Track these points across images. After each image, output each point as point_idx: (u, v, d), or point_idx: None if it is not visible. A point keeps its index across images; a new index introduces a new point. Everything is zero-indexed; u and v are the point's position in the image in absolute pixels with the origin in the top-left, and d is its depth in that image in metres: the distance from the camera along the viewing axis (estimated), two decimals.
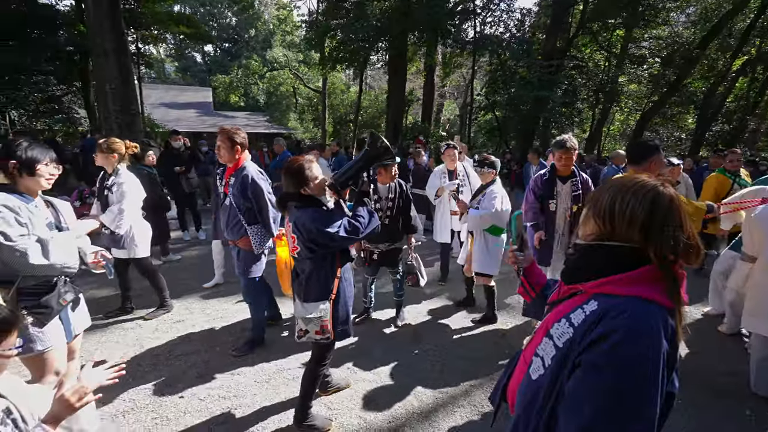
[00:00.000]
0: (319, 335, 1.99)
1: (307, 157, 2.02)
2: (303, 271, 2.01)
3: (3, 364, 1.03)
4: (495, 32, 13.82)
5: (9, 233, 1.64)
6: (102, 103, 11.08)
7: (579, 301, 0.92)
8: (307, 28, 14.92)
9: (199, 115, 23.60)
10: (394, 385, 2.58)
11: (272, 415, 2.26)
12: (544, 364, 0.93)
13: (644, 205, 0.85)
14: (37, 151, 1.78)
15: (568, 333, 0.88)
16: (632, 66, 14.58)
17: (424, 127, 15.14)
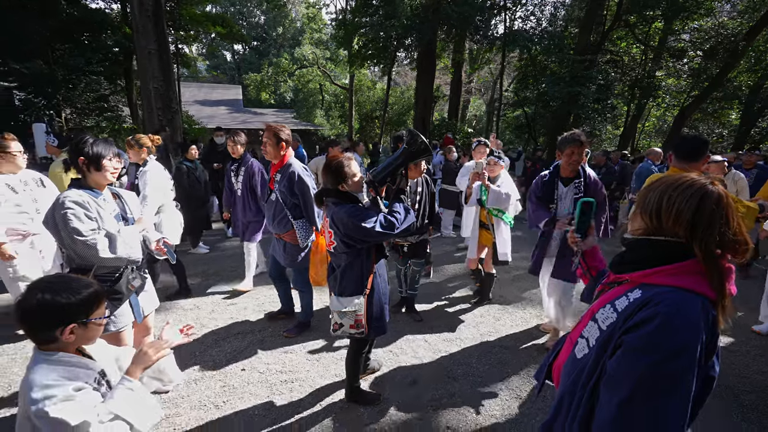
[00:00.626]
0: (354, 329, 2.04)
1: (346, 155, 2.06)
2: (339, 266, 2.06)
3: (96, 332, 1.18)
4: (526, 27, 13.57)
5: (81, 229, 1.77)
6: (146, 101, 11.71)
7: (624, 289, 1.00)
8: (337, 26, 15.15)
9: (230, 112, 24.41)
10: (433, 369, 2.75)
11: (325, 389, 2.48)
12: (588, 344, 1.02)
13: (691, 204, 0.90)
14: (102, 147, 1.89)
15: (612, 317, 0.96)
16: (671, 60, 13.96)
17: (451, 124, 15.11)
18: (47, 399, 1.01)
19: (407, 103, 21.97)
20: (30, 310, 1.05)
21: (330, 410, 2.30)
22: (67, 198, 1.80)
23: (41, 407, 1.00)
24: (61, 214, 1.76)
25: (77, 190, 1.86)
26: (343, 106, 23.54)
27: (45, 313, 1.06)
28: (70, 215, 1.76)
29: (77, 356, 1.15)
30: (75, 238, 1.76)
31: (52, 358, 1.09)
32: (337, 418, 2.24)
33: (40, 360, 1.09)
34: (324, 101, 26.03)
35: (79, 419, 1.01)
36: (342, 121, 23.52)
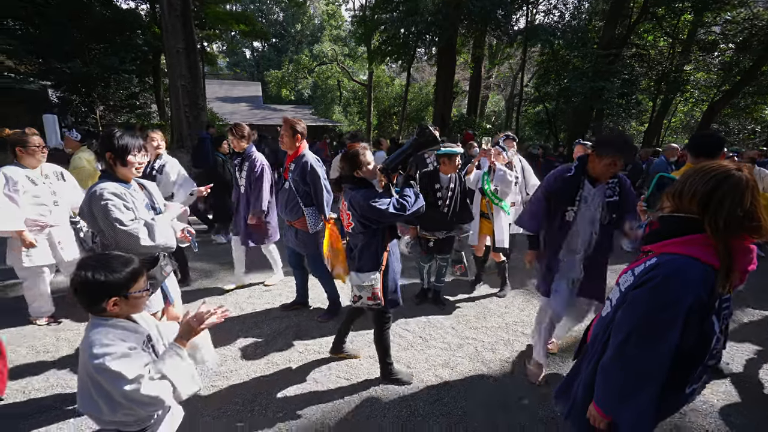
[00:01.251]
0: (371, 301, 2.24)
1: (362, 145, 2.27)
2: (356, 246, 2.27)
3: (138, 303, 1.28)
4: (548, 21, 13.37)
5: (123, 219, 1.84)
6: (174, 99, 12.10)
7: (646, 258, 1.18)
8: (357, 23, 15.27)
9: (251, 109, 24.91)
10: (463, 353, 2.87)
11: (360, 369, 2.63)
12: (611, 304, 1.26)
13: (707, 185, 1.05)
14: (127, 141, 1.92)
15: (630, 280, 1.18)
16: (701, 53, 13.51)
17: (470, 120, 15.07)
18: (107, 355, 1.14)
19: (425, 99, 21.98)
20: (79, 286, 1.20)
21: (367, 386, 2.45)
22: (105, 190, 1.86)
23: (102, 362, 1.13)
24: (102, 206, 1.83)
25: (111, 182, 1.93)
26: (362, 103, 23.72)
27: (90, 289, 1.19)
28: (110, 206, 1.83)
29: (128, 321, 1.29)
30: (117, 228, 1.83)
31: (108, 323, 1.23)
32: (375, 394, 2.39)
33: (97, 324, 1.22)
34: (342, 97, 26.26)
35: (135, 373, 1.14)
36: (360, 117, 23.70)
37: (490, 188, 3.52)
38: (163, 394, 1.18)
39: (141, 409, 1.20)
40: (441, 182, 3.25)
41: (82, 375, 1.21)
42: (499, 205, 3.52)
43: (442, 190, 3.23)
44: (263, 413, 2.21)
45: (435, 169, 3.30)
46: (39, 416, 2.14)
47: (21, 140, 2.77)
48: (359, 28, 14.28)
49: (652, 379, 1.10)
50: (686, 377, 1.16)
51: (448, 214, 3.24)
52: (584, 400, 1.29)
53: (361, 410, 2.26)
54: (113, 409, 1.17)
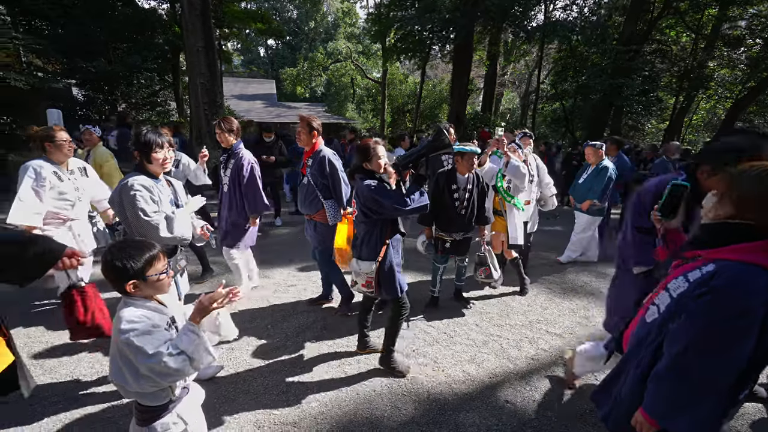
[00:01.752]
0: (365, 288, 2.38)
1: (375, 139, 2.35)
2: (359, 234, 2.41)
3: (158, 286, 1.37)
4: (567, 17, 13.15)
5: (147, 210, 1.99)
6: (193, 97, 12.33)
7: (698, 264, 1.15)
8: (372, 21, 15.27)
9: (266, 106, 25.16)
10: (489, 350, 2.90)
11: None
12: (659, 310, 1.22)
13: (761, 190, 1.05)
14: (149, 138, 2.05)
15: (683, 287, 1.14)
16: (726, 48, 13.12)
17: (485, 117, 14.96)
18: (132, 331, 1.26)
19: (439, 96, 21.85)
20: (105, 270, 1.33)
21: (396, 379, 2.51)
22: (136, 182, 2.03)
23: (128, 336, 1.25)
24: (131, 196, 1.99)
25: (141, 175, 2.09)
26: (375, 100, 23.72)
27: (112, 272, 1.32)
28: (138, 197, 1.99)
29: (154, 302, 1.40)
30: (141, 218, 1.99)
31: (136, 302, 1.35)
32: (404, 388, 2.45)
33: (127, 303, 1.34)
34: (355, 95, 26.31)
35: (155, 349, 1.25)
36: (374, 114, 23.72)
37: (503, 185, 3.55)
38: (181, 367, 1.28)
39: (162, 380, 1.30)
40: (458, 182, 3.20)
41: (113, 347, 1.33)
42: (512, 202, 3.54)
43: (459, 190, 3.19)
44: (296, 403, 2.29)
45: (452, 168, 3.27)
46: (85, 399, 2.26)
47: (49, 135, 2.86)
48: (374, 26, 14.28)
49: (714, 392, 1.07)
50: (745, 386, 1.14)
51: (465, 216, 3.21)
52: (628, 405, 1.27)
53: (391, 402, 2.32)
54: (137, 379, 1.28)
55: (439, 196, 3.19)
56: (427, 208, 2.29)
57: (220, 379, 2.48)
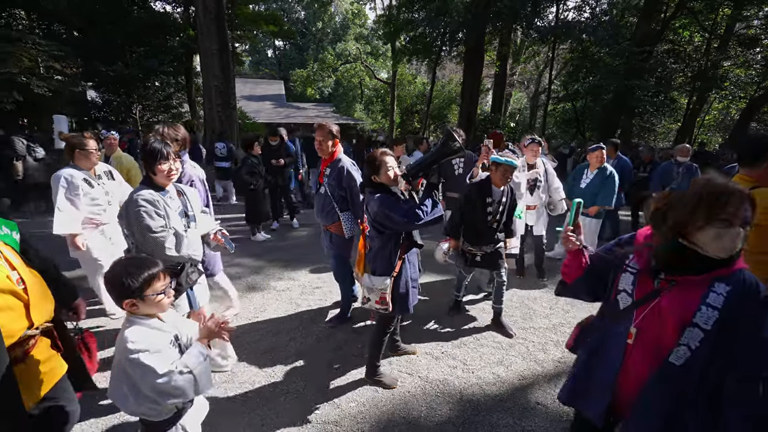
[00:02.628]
0: (379, 305, 2.24)
1: (383, 150, 2.26)
2: (372, 248, 2.30)
3: (156, 305, 1.34)
4: (579, 17, 13.12)
5: (152, 226, 1.90)
6: (207, 99, 12.52)
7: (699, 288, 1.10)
8: (384, 22, 15.35)
9: (275, 107, 25.36)
10: (516, 353, 2.97)
11: (419, 364, 2.77)
12: (690, 348, 1.09)
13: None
14: (153, 148, 1.96)
15: (714, 315, 1.06)
16: (740, 48, 12.98)
17: (495, 118, 14.98)
18: (140, 351, 1.24)
19: (448, 97, 21.88)
20: (105, 285, 1.34)
21: (428, 380, 2.59)
22: (140, 196, 1.94)
23: (136, 356, 1.23)
24: (135, 211, 1.92)
25: (148, 189, 1.99)
26: (383, 101, 23.81)
27: (112, 289, 1.31)
28: (142, 213, 1.91)
29: (157, 320, 1.37)
30: (146, 235, 1.90)
31: (141, 321, 1.33)
32: (437, 389, 2.53)
33: (132, 321, 1.33)
34: (363, 96, 26.42)
35: (165, 368, 1.25)
36: (383, 115, 23.81)
37: None
38: (187, 388, 1.28)
39: (166, 400, 1.28)
40: (493, 195, 3.00)
41: (115, 365, 1.33)
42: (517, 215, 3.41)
43: (494, 204, 3.00)
44: (336, 404, 2.37)
45: (486, 179, 3.06)
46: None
47: (80, 143, 2.92)
48: (385, 27, 14.35)
49: None
50: None
51: (496, 229, 3.06)
52: None
53: (426, 403, 2.40)
54: (138, 401, 1.28)
55: (471, 209, 3.04)
56: (442, 220, 2.18)
57: (259, 380, 2.58)
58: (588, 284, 1.40)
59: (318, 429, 2.18)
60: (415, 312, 2.71)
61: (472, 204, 3.01)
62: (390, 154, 2.26)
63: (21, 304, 1.30)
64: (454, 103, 20.98)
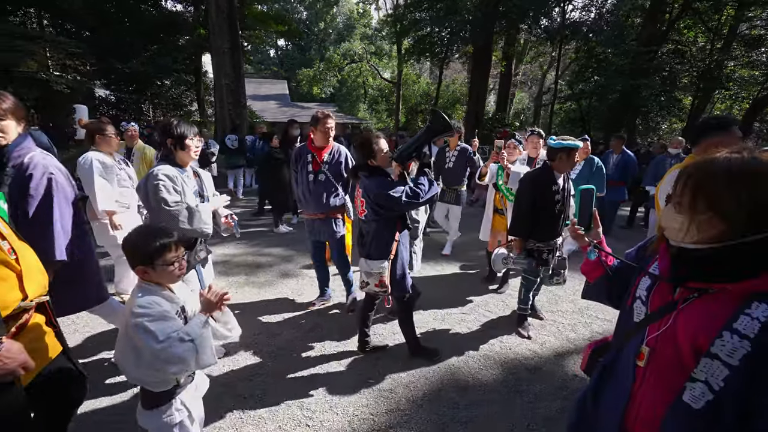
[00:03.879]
0: (378, 288, 2.31)
1: (375, 133, 2.31)
2: (368, 233, 2.33)
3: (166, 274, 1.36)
4: (586, 18, 13.31)
5: (168, 199, 2.00)
6: (218, 97, 12.67)
7: (727, 305, 0.78)
8: (392, 22, 15.52)
9: (279, 106, 25.47)
10: (548, 332, 3.13)
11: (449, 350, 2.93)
12: (711, 388, 0.77)
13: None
14: (185, 128, 2.11)
15: (744, 348, 0.74)
16: (745, 49, 13.17)
17: (502, 117, 15.16)
18: (145, 316, 1.26)
19: (452, 97, 22.10)
20: (123, 248, 1.38)
21: (477, 360, 2.75)
22: (161, 171, 2.06)
23: (141, 321, 1.25)
24: (153, 185, 2.02)
25: (166, 164, 2.10)
26: (388, 100, 24.02)
27: (127, 253, 1.36)
28: (161, 186, 2.01)
29: (167, 290, 1.40)
30: (162, 207, 2.00)
31: (150, 288, 1.36)
32: (479, 361, 2.68)
33: (142, 287, 1.36)
34: (367, 95, 26.62)
35: (165, 335, 1.26)
36: (388, 114, 24.00)
37: (503, 181, 3.45)
38: (188, 357, 1.28)
39: (167, 368, 1.29)
40: (558, 184, 2.72)
41: (122, 328, 1.36)
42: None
43: (559, 191, 2.73)
44: (388, 373, 2.52)
45: (546, 166, 2.74)
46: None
47: (99, 128, 3.03)
48: (392, 27, 14.53)
49: None
50: None
51: (561, 219, 2.79)
52: None
53: (471, 374, 2.55)
54: (139, 366, 1.30)
55: (539, 200, 2.71)
56: (438, 196, 2.25)
57: (314, 354, 2.73)
58: (609, 287, 1.16)
59: (375, 395, 2.32)
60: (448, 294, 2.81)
61: (540, 195, 2.71)
62: (382, 137, 2.32)
63: (14, 274, 1.25)
64: (458, 103, 21.20)
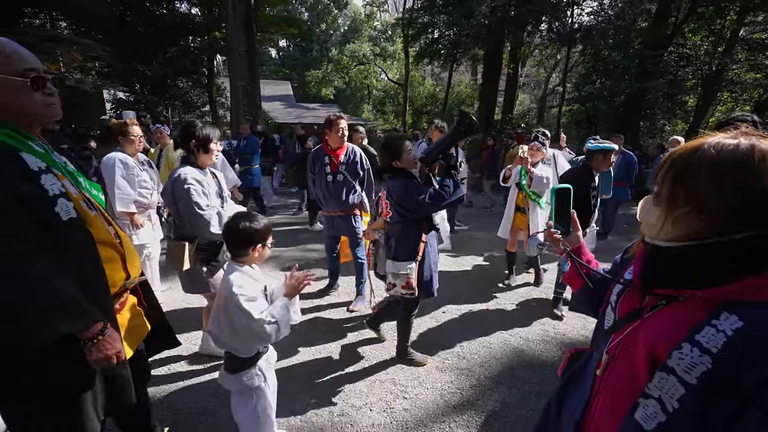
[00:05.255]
0: (405, 290, 2.28)
1: (399, 135, 2.43)
2: (394, 234, 2.30)
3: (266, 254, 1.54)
4: (596, 22, 13.57)
5: (201, 203, 2.01)
6: (234, 99, 12.84)
7: (694, 314, 0.67)
8: (404, 25, 15.72)
9: (285, 107, 25.57)
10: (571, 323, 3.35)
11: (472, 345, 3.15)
12: (664, 407, 0.67)
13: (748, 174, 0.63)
14: (209, 131, 2.13)
15: (704, 364, 0.63)
16: (748, 53, 13.49)
17: (511, 119, 15.41)
18: (242, 295, 1.41)
19: (457, 99, 22.34)
20: (232, 234, 1.49)
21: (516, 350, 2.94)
22: (188, 175, 2.05)
23: (238, 299, 1.40)
24: (185, 189, 2.01)
25: (192, 168, 2.10)
26: (393, 101, 24.24)
27: (246, 235, 1.47)
28: (192, 190, 2.02)
29: (254, 270, 1.56)
30: (195, 212, 2.01)
31: (242, 269, 1.50)
32: (515, 356, 2.90)
33: (235, 268, 1.51)
34: (371, 96, 26.83)
35: (258, 314, 1.41)
36: (395, 116, 24.23)
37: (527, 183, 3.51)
38: (272, 334, 1.44)
39: (254, 341, 1.46)
40: (595, 180, 3.03)
41: (217, 302, 1.50)
42: (537, 201, 3.53)
43: (595, 188, 3.05)
44: (459, 349, 2.74)
45: (587, 165, 3.03)
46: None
47: (123, 129, 3.05)
48: (404, 30, 14.72)
49: None
50: None
51: (592, 216, 3.10)
52: None
53: (538, 356, 2.77)
54: (233, 337, 1.46)
55: (583, 196, 2.94)
56: (462, 200, 2.25)
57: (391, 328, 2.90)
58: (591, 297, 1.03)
59: (456, 373, 2.54)
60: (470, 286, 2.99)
61: (585, 192, 2.95)
62: (407, 138, 2.36)
63: (118, 256, 1.34)
64: (464, 104, 21.45)
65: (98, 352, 1.16)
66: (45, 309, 1.05)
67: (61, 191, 1.15)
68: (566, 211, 1.11)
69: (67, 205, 1.15)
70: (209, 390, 2.32)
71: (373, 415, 2.17)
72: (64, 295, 1.08)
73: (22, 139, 1.15)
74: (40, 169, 1.13)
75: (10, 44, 1.11)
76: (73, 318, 1.10)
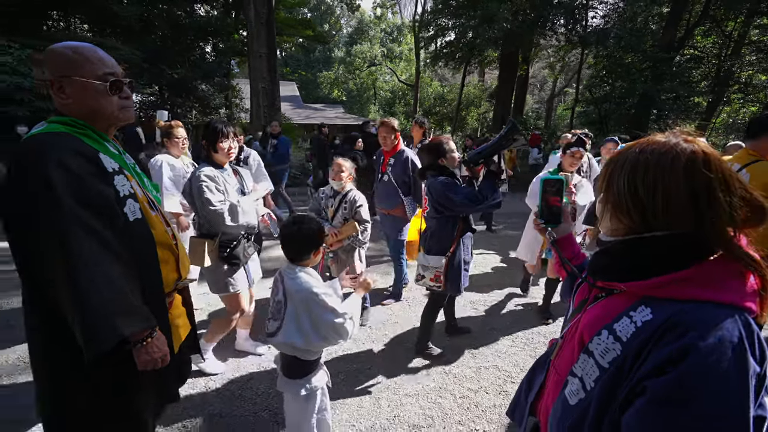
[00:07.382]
0: (432, 282, 2.36)
1: (445, 136, 2.45)
2: (430, 228, 2.43)
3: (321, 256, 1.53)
4: (610, 24, 13.80)
5: (212, 199, 2.05)
6: (254, 99, 12.96)
7: (620, 305, 0.72)
8: (419, 27, 15.87)
9: (293, 108, 25.70)
10: None
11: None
12: (584, 386, 0.73)
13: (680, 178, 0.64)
14: (216, 128, 2.11)
15: (615, 350, 0.68)
16: (759, 55, 13.75)
17: (523, 120, 15.62)
18: (323, 294, 1.42)
19: (465, 100, 22.56)
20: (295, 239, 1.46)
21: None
22: (202, 173, 2.11)
23: (322, 298, 1.40)
24: (197, 186, 2.07)
25: (208, 166, 2.15)
26: (401, 102, 24.40)
27: (310, 238, 1.47)
28: (204, 187, 2.06)
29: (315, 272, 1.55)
30: (207, 208, 2.06)
31: (307, 270, 1.50)
32: None
33: (299, 270, 1.47)
34: (377, 97, 26.99)
35: (342, 309, 1.42)
36: (406, 116, 24.43)
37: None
38: (350, 330, 1.44)
39: (332, 339, 1.43)
40: None
41: (290, 310, 1.44)
42: None
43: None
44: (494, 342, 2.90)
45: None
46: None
47: (168, 132, 3.08)
48: (422, 32, 14.88)
49: None
50: None
51: None
52: None
53: None
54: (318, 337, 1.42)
55: None
56: (500, 206, 2.20)
57: None
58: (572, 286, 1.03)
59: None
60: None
61: None
62: (450, 138, 2.43)
63: (173, 257, 1.35)
64: (473, 105, 21.66)
65: (146, 354, 1.14)
66: (108, 310, 1.04)
67: (131, 192, 1.19)
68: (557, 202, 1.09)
69: (134, 205, 1.19)
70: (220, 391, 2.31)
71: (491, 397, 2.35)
72: (126, 297, 1.09)
73: (100, 140, 1.19)
74: (114, 170, 1.16)
75: (94, 50, 1.16)
76: (133, 320, 1.09)
